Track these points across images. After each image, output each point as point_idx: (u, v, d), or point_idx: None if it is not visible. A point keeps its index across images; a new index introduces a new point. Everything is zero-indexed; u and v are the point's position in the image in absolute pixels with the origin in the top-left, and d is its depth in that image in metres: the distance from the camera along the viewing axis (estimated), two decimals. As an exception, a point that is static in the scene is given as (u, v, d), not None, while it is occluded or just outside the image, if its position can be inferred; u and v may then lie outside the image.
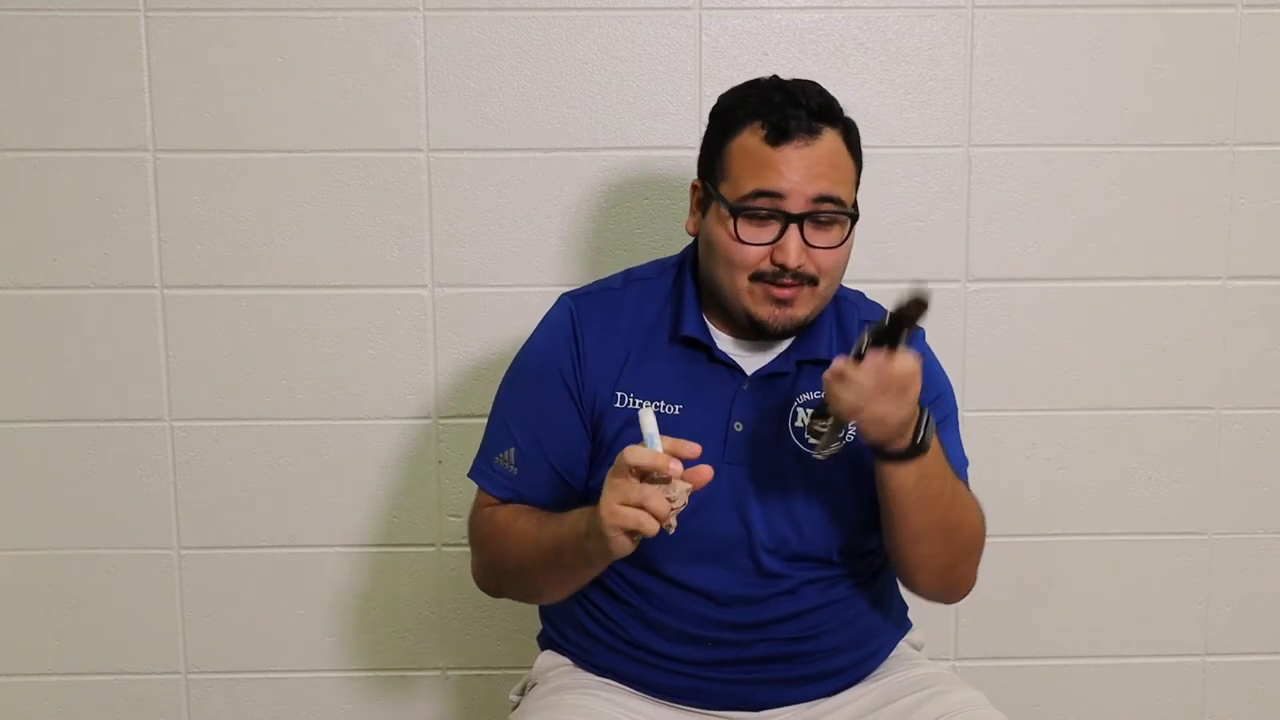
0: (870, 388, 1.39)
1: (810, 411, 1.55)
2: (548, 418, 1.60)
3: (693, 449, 1.35)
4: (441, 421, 2.06)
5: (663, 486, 1.34)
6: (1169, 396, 2.08)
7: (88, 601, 2.08)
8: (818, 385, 1.57)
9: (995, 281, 2.05)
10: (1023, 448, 2.09)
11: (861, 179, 1.58)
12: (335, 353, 2.03)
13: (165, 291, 2.02)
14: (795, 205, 1.49)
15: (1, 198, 1.99)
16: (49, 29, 1.95)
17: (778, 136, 1.50)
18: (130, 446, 2.05)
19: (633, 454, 1.34)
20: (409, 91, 1.98)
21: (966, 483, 1.62)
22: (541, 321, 1.66)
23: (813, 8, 1.99)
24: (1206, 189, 2.04)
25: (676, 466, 1.33)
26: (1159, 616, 2.14)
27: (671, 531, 1.36)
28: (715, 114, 1.58)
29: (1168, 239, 2.05)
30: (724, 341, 1.60)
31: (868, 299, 1.71)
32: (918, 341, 1.61)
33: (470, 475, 1.66)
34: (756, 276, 1.52)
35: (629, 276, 1.67)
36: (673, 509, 1.34)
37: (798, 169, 1.49)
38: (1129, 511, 2.11)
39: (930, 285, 1.41)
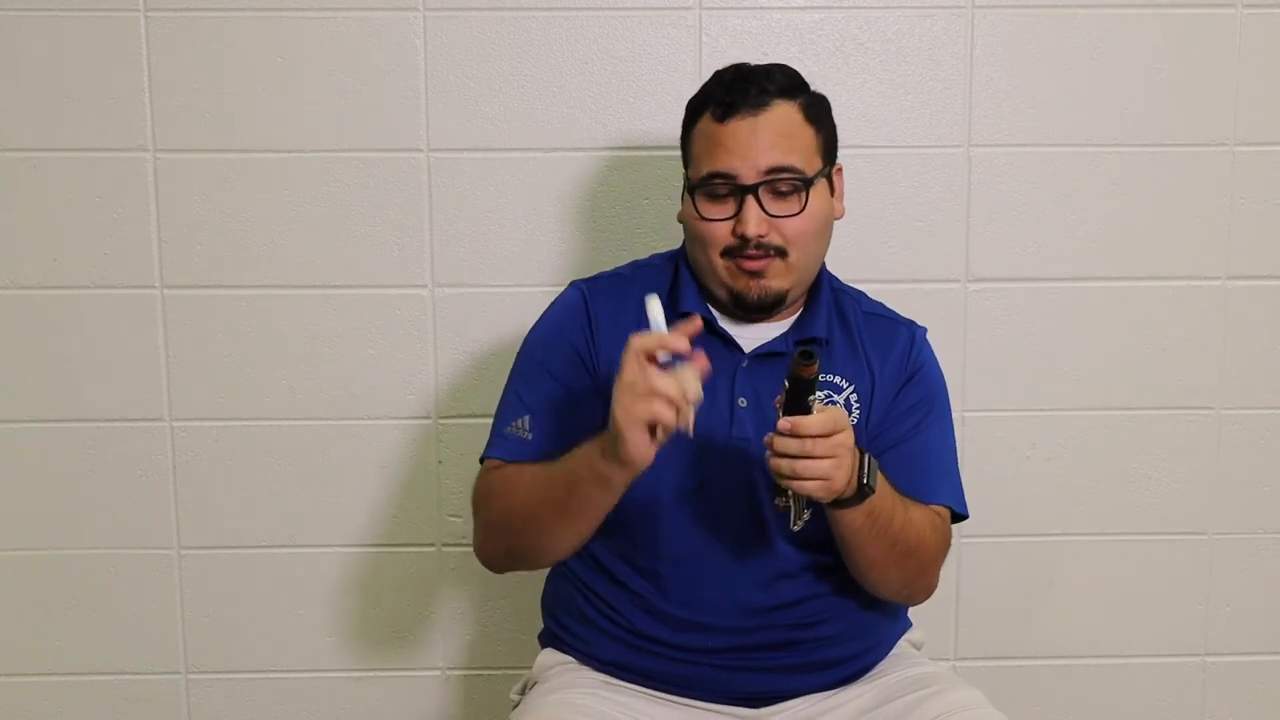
0: (801, 453, 1.39)
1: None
2: (561, 384, 1.61)
3: (694, 324, 1.37)
4: (441, 421, 2.06)
5: (674, 374, 1.33)
6: (1169, 396, 2.08)
7: (88, 601, 2.08)
8: (822, 368, 1.59)
9: (995, 281, 2.05)
10: (1023, 448, 2.08)
11: (832, 147, 1.62)
12: (335, 353, 2.03)
13: (165, 291, 2.02)
14: (748, 177, 1.53)
15: (1, 198, 1.99)
16: (49, 29, 1.95)
17: (724, 113, 1.55)
18: (130, 446, 2.05)
19: (641, 339, 1.35)
20: (409, 91, 1.98)
21: (950, 483, 1.64)
22: (552, 303, 1.68)
23: (813, 8, 1.99)
24: (1206, 189, 2.04)
25: (685, 344, 1.34)
26: (1159, 616, 2.14)
27: (690, 432, 1.34)
28: (686, 108, 1.63)
29: (1168, 239, 2.05)
30: (722, 320, 1.62)
31: (870, 298, 1.72)
32: (901, 347, 1.64)
33: (482, 457, 1.63)
34: (726, 253, 1.57)
35: (637, 265, 1.72)
36: (688, 400, 1.33)
37: (746, 141, 1.54)
38: (1129, 511, 2.11)
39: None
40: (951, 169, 2.02)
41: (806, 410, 1.39)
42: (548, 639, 1.72)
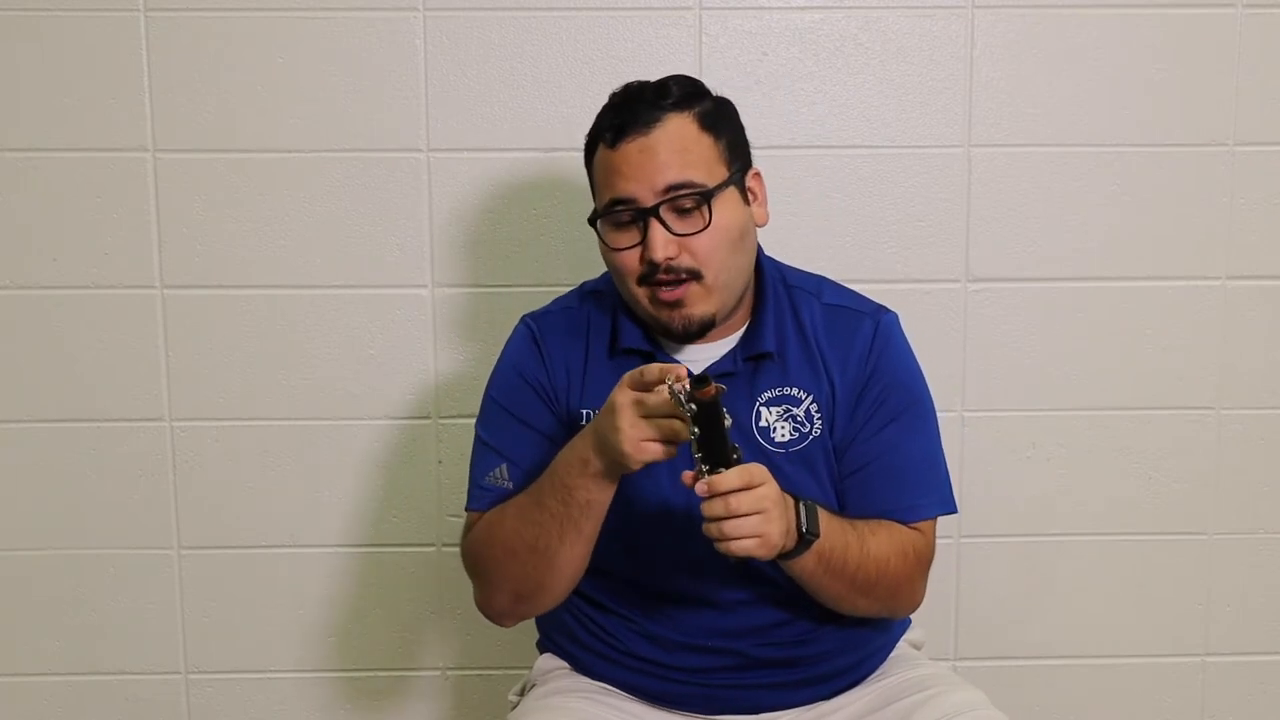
0: (726, 513, 1.34)
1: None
2: (530, 426, 1.58)
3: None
4: (441, 421, 2.06)
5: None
6: (1169, 396, 2.08)
7: (88, 601, 2.08)
8: (777, 381, 1.56)
9: (995, 281, 2.05)
10: (1023, 448, 2.08)
11: (740, 152, 1.57)
12: (335, 353, 2.03)
13: (165, 291, 2.02)
14: (646, 199, 1.49)
15: (1, 198, 1.99)
16: (49, 29, 1.95)
17: (614, 137, 1.51)
18: (130, 446, 2.05)
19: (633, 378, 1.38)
20: (409, 91, 1.98)
21: (929, 493, 1.58)
22: (505, 346, 1.66)
23: (813, 8, 1.99)
24: (1206, 189, 2.04)
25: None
26: (1159, 616, 2.14)
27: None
28: (586, 140, 1.59)
29: (1168, 239, 2.05)
30: (669, 347, 1.58)
31: (832, 283, 1.66)
32: (861, 335, 1.58)
33: (466, 509, 1.63)
34: (642, 281, 1.51)
35: (583, 291, 1.68)
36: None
37: (638, 163, 1.49)
38: (1129, 511, 2.11)
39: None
40: (951, 169, 2.02)
41: (723, 440, 1.33)
42: (545, 644, 1.71)
